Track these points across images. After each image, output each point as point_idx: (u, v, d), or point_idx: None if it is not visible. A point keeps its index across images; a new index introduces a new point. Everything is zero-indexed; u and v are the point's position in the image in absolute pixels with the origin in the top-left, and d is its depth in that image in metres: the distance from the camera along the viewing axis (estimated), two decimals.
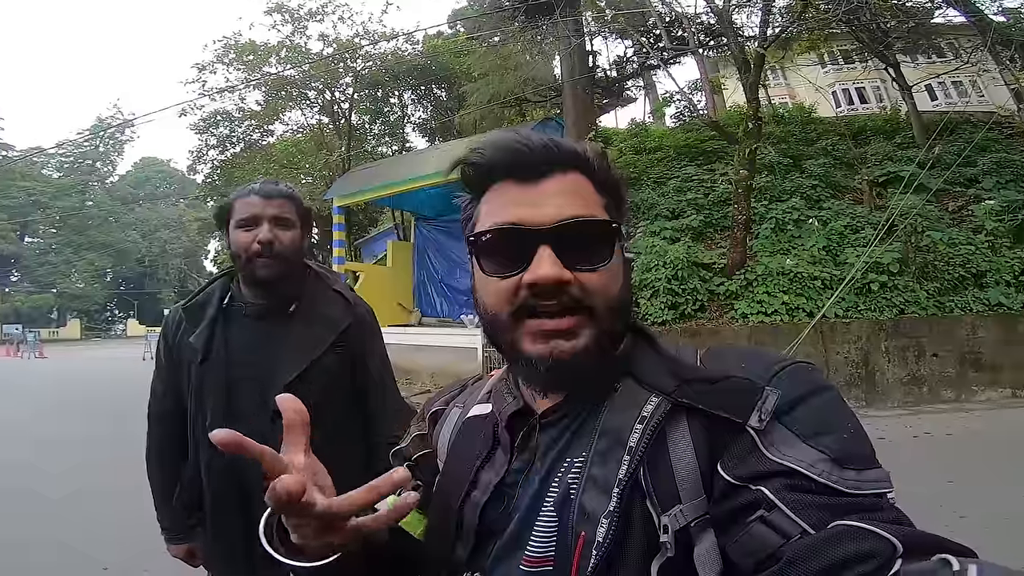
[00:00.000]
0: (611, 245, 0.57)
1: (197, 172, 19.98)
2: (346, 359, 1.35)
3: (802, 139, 11.85)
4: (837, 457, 0.46)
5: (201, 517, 1.34)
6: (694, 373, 0.55)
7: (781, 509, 0.44)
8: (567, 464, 0.56)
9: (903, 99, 12.41)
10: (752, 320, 7.31)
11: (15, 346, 24.88)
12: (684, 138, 12.38)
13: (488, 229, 0.58)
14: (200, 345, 1.30)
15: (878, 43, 11.54)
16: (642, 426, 0.52)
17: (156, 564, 3.10)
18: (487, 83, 14.08)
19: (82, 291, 44.41)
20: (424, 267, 12.80)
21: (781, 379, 0.51)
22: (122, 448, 5.59)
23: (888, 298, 7.26)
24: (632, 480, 0.51)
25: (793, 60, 15.57)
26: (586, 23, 12.95)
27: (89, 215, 45.32)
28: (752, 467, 0.47)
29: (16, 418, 8.14)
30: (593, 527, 0.50)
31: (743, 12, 11.33)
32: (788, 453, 0.47)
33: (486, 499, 0.60)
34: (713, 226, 9.14)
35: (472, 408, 0.70)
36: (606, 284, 0.56)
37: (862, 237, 7.95)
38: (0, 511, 4.09)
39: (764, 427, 0.48)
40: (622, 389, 0.57)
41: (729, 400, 0.50)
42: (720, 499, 0.49)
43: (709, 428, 0.51)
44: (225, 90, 16.45)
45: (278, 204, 1.29)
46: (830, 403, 0.50)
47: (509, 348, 0.58)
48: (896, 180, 8.71)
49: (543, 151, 0.56)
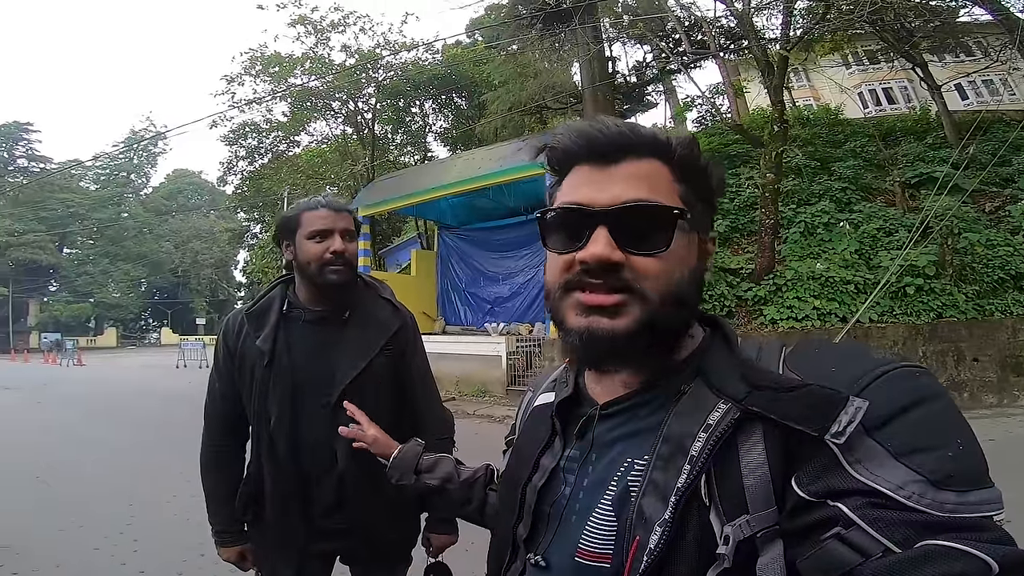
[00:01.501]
0: (671, 231, 0.55)
1: (227, 183, 20.57)
2: (393, 360, 1.45)
3: (829, 141, 11.64)
4: (936, 478, 0.41)
5: (257, 512, 1.42)
6: (768, 379, 0.51)
7: (861, 527, 0.41)
8: (628, 463, 0.56)
9: (932, 99, 12.11)
10: (782, 326, 7.16)
11: (54, 354, 25.85)
12: (707, 142, 12.26)
13: (554, 208, 0.59)
14: (267, 348, 1.37)
15: (904, 43, 11.27)
16: (706, 435, 0.50)
17: (189, 568, 3.20)
18: (507, 91, 14.19)
19: (118, 300, 45.85)
20: (448, 276, 12.90)
21: (878, 387, 0.46)
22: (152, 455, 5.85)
23: (925, 302, 7.05)
24: (691, 490, 0.49)
25: (816, 61, 15.32)
26: (604, 29, 12.94)
27: (124, 226, 46.87)
28: (830, 484, 0.44)
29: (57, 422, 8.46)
30: (647, 533, 0.50)
31: (763, 14, 11.19)
32: (875, 472, 0.43)
33: (543, 483, 0.62)
34: (739, 231, 9.02)
35: (539, 396, 0.74)
36: (662, 270, 0.54)
37: (896, 240, 7.75)
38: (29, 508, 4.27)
39: (848, 441, 0.44)
40: (691, 392, 0.55)
41: (805, 410, 0.46)
42: (792, 513, 0.46)
43: (786, 438, 0.48)
44: (253, 102, 16.91)
45: (345, 218, 1.41)
46: (936, 415, 0.45)
47: (558, 322, 0.59)
48: (929, 181, 8.49)
49: (617, 136, 0.57)
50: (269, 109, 17.67)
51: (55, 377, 16.51)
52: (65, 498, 4.52)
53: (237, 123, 17.84)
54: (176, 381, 14.99)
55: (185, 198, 54.90)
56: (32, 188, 40.02)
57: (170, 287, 51.25)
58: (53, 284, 46.01)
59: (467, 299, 12.47)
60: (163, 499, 4.48)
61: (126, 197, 50.00)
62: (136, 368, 20.51)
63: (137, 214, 48.89)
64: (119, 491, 4.68)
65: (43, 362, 24.18)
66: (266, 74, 16.40)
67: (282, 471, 1.37)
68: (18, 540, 3.58)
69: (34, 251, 40.37)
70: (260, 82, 16.63)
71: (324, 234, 1.37)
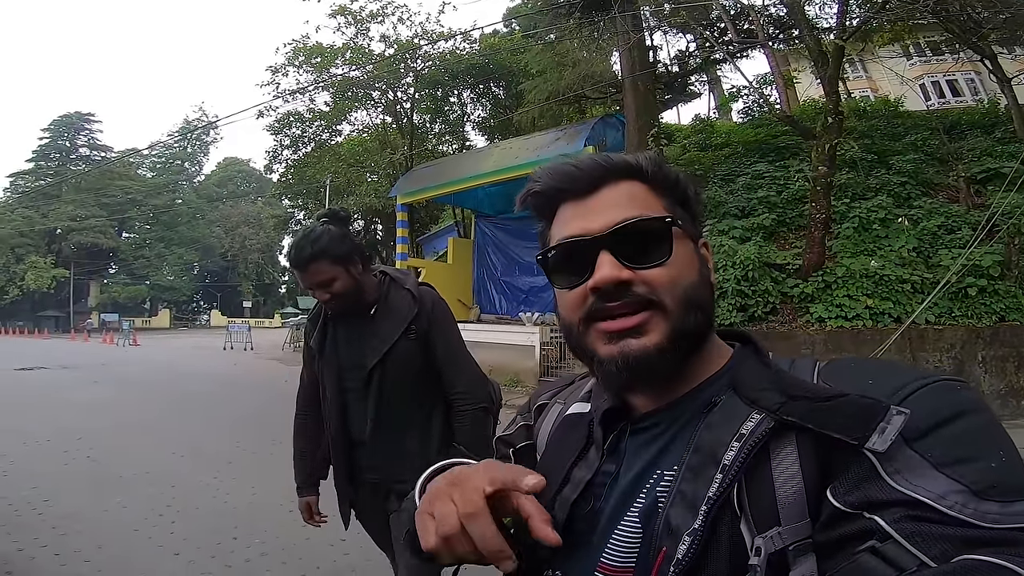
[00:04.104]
0: (669, 239, 0.57)
1: (273, 171, 21.18)
2: (418, 341, 1.67)
3: (888, 134, 11.05)
4: (979, 488, 0.40)
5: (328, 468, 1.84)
6: (804, 389, 0.50)
7: (897, 540, 0.40)
8: (657, 475, 0.55)
9: (1002, 92, 11.29)
10: (830, 324, 6.86)
11: (111, 334, 27.36)
12: (754, 133, 11.83)
13: (552, 246, 0.61)
14: (316, 345, 1.75)
15: (971, 34, 10.51)
16: (739, 444, 0.49)
17: (222, 550, 3.30)
18: (545, 80, 14.02)
19: (171, 283, 48.17)
20: (484, 264, 12.94)
21: (918, 398, 0.45)
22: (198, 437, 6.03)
23: (987, 304, 6.63)
24: (722, 499, 0.48)
25: (875, 52, 14.55)
26: (645, 18, 12.57)
27: (178, 212, 49.21)
28: (868, 494, 0.43)
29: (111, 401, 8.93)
30: (675, 543, 0.49)
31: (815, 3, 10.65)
32: (915, 482, 0.41)
33: (575, 496, 0.60)
34: (787, 225, 8.68)
35: (572, 405, 0.71)
36: (672, 278, 0.55)
37: (958, 238, 7.30)
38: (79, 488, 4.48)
39: (888, 451, 0.42)
40: (722, 404, 0.54)
41: (843, 419, 0.45)
42: (827, 525, 0.45)
43: (821, 448, 0.47)
44: (296, 92, 17.34)
45: (314, 272, 1.57)
46: (978, 428, 0.44)
47: (587, 357, 0.59)
48: (997, 177, 7.96)
49: (593, 168, 0.59)
50: (312, 99, 18.11)
51: (112, 357, 17.37)
52: (113, 479, 4.67)
53: (282, 113, 18.35)
54: (223, 363, 15.63)
55: (235, 185, 57.17)
56: (93, 175, 42.39)
57: (220, 271, 53.50)
58: (112, 267, 48.66)
59: (502, 288, 12.49)
60: (204, 481, 4.62)
61: (180, 184, 52.44)
62: (187, 349, 21.47)
63: (190, 200, 51.23)
64: (163, 472, 4.85)
65: (101, 342, 25.55)
66: (308, 64, 16.77)
67: (334, 439, 1.73)
68: (64, 522, 3.69)
69: (95, 235, 42.79)
70: (303, 72, 17.04)
71: (305, 287, 1.62)
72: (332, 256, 1.58)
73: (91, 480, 4.64)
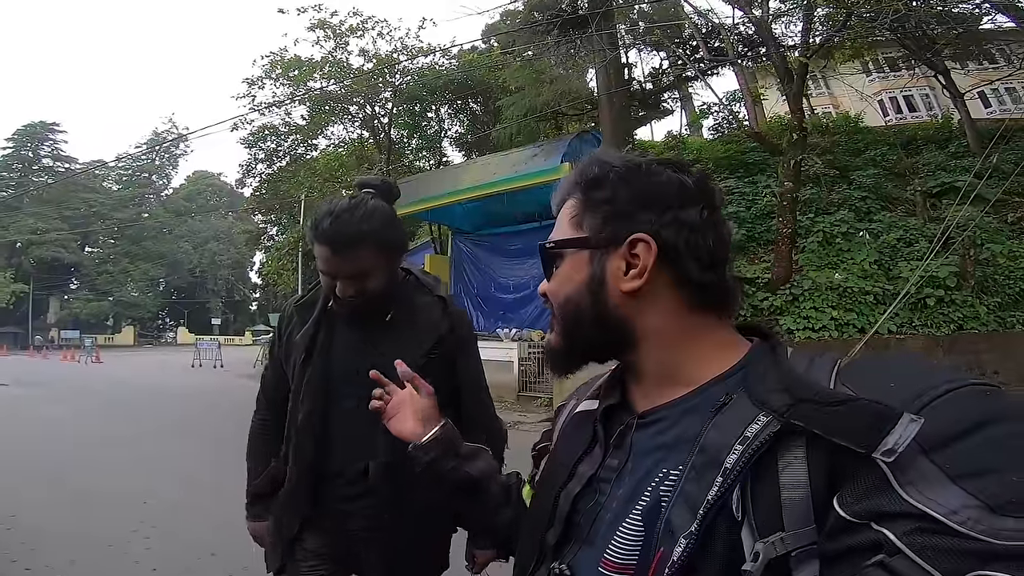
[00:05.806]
0: (553, 260, 0.66)
1: (246, 185, 20.90)
2: (442, 363, 1.33)
3: (849, 149, 11.50)
4: (995, 503, 0.37)
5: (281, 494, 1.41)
6: (813, 392, 0.48)
7: (906, 555, 0.39)
8: (663, 474, 0.55)
9: (955, 107, 11.93)
10: (799, 336, 7.07)
11: (72, 351, 26.33)
12: (724, 149, 12.16)
13: None
14: (305, 344, 1.33)
15: (926, 50, 11.12)
16: (742, 447, 0.48)
17: (200, 565, 3.22)
18: (522, 97, 14.22)
19: (136, 299, 46.69)
20: (461, 281, 12.91)
21: (941, 404, 0.43)
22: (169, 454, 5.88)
23: (945, 313, 6.93)
24: (721, 503, 0.47)
25: (836, 68, 15.15)
26: (620, 36, 12.92)
27: (145, 226, 47.73)
28: (876, 505, 0.41)
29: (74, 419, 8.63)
30: (672, 545, 0.49)
31: (782, 21, 11.10)
32: (928, 495, 0.39)
33: (578, 490, 0.62)
34: (756, 240, 8.93)
35: (583, 403, 0.73)
36: (554, 291, 0.66)
37: (916, 250, 7.63)
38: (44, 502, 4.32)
39: (900, 460, 0.41)
40: (732, 403, 0.54)
41: (852, 425, 0.44)
42: (832, 533, 0.43)
43: (831, 454, 0.45)
44: (273, 105, 17.21)
45: (352, 261, 1.21)
46: (1002, 438, 0.41)
47: None
48: (951, 191, 8.36)
49: (562, 186, 0.68)
50: (288, 112, 18.01)
51: (73, 374, 16.77)
52: (81, 495, 4.55)
53: (257, 126, 18.17)
54: (191, 380, 15.17)
55: (204, 199, 55.78)
56: (56, 187, 40.96)
57: (187, 287, 52.05)
58: (74, 282, 46.94)
59: (480, 304, 12.46)
60: (177, 498, 4.52)
61: (147, 197, 51.03)
62: (152, 367, 20.78)
63: (157, 214, 49.85)
64: (134, 490, 4.72)
65: (61, 359, 24.57)
66: (286, 77, 16.66)
67: (299, 467, 1.34)
68: (32, 537, 3.59)
69: (56, 249, 41.29)
70: (280, 85, 16.92)
71: (328, 273, 1.24)
72: (380, 243, 1.22)
73: (59, 497, 4.50)
